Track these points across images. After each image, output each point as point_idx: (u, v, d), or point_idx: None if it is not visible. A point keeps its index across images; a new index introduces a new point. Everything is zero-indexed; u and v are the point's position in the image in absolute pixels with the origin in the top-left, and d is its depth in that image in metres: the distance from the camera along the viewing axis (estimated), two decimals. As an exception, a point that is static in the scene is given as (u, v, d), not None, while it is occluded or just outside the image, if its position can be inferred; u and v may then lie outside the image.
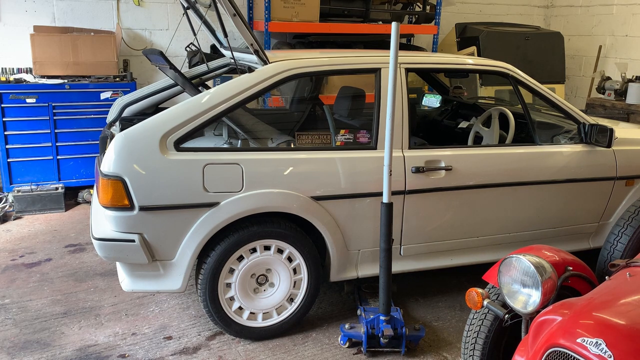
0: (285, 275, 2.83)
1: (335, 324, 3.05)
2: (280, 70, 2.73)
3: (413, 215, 2.94)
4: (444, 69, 3.12)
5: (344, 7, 5.41)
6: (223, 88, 2.66)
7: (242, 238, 2.68)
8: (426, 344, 2.90)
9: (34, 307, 3.14)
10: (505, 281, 2.00)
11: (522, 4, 7.38)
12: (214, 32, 3.71)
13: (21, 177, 4.72)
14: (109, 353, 2.74)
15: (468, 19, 6.66)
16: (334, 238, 2.81)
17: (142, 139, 2.50)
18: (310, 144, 3.01)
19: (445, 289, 3.50)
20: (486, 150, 3.08)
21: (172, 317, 3.08)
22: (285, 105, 4.51)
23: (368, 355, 2.78)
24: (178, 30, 5.08)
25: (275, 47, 5.43)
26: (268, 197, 2.63)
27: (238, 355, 2.75)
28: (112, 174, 2.45)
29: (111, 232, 2.55)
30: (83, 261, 3.74)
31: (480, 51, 5.87)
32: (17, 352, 2.71)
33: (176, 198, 2.52)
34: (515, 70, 3.22)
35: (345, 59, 2.96)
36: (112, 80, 4.84)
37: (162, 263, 2.64)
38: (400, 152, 2.87)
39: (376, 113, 2.85)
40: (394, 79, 2.56)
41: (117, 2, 5.20)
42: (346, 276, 2.95)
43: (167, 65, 3.06)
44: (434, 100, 4.64)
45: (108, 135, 3.04)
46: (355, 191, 2.79)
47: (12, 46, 4.93)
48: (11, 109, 4.56)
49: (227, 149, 2.69)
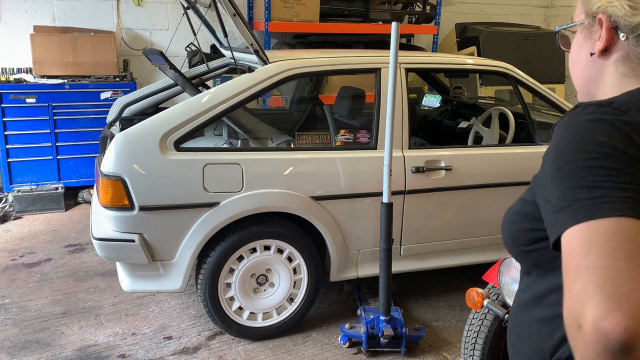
0: (285, 275, 2.83)
1: (335, 324, 3.04)
2: (280, 70, 2.73)
3: (413, 215, 2.94)
4: (444, 69, 3.13)
5: (344, 7, 5.41)
6: (223, 88, 2.65)
7: (242, 238, 2.68)
8: (426, 344, 2.90)
9: (34, 307, 3.13)
10: (505, 281, 2.00)
11: (522, 4, 7.38)
12: (214, 32, 3.71)
13: (21, 177, 4.71)
14: (109, 353, 2.73)
15: (468, 19, 6.66)
16: (334, 238, 2.81)
17: (142, 139, 2.49)
18: (310, 144, 3.01)
19: (445, 289, 3.50)
20: (486, 150, 3.08)
21: (172, 317, 3.08)
22: (285, 105, 4.51)
23: (368, 355, 2.78)
24: (178, 30, 5.07)
25: (275, 47, 5.43)
26: (268, 197, 2.63)
27: (238, 355, 2.75)
28: (112, 174, 2.45)
29: (111, 232, 2.55)
30: (83, 261, 3.74)
31: (480, 51, 5.87)
32: (17, 352, 2.71)
33: (176, 198, 2.52)
34: (515, 70, 3.22)
35: (345, 59, 2.96)
36: (112, 80, 4.83)
37: (162, 263, 2.64)
38: (400, 152, 2.87)
39: (376, 113, 2.85)
40: (394, 79, 2.56)
41: (117, 2, 5.19)
42: (346, 276, 2.95)
43: (167, 65, 3.06)
44: (434, 100, 4.64)
45: (108, 135, 3.04)
46: (355, 191, 2.79)
47: (12, 46, 4.93)
48: (11, 109, 4.55)
49: (227, 149, 2.69)
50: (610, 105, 0.80)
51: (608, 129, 0.77)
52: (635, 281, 0.66)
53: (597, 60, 0.92)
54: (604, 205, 0.72)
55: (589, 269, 0.68)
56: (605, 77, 0.93)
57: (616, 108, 0.80)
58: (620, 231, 0.69)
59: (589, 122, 0.79)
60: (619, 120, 0.78)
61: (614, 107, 0.80)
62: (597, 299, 0.66)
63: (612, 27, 0.89)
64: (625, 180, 0.73)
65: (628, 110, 0.80)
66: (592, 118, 0.80)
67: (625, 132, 0.77)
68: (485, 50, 5.86)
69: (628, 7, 0.87)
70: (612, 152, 0.75)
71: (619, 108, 0.80)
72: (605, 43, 0.90)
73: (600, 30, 0.90)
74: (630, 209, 0.71)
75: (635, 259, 0.67)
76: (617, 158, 0.75)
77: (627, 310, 0.64)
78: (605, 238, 0.69)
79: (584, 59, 0.95)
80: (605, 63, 0.92)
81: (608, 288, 0.66)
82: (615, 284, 0.66)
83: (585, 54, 0.95)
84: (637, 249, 0.68)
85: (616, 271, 0.67)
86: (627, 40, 0.88)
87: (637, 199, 0.72)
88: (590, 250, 0.69)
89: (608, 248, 0.68)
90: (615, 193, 0.72)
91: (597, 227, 0.71)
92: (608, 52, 0.91)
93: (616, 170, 0.74)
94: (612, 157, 0.75)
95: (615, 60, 0.91)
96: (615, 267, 0.67)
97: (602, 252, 0.68)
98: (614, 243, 0.69)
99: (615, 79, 0.91)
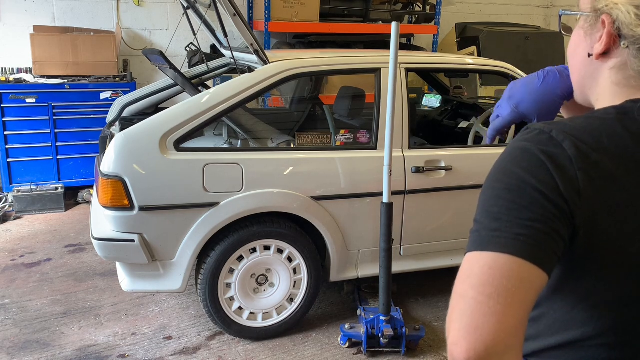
0: (285, 275, 2.83)
1: (335, 324, 3.04)
2: (280, 70, 2.73)
3: (413, 215, 2.94)
4: (444, 69, 3.12)
5: (344, 7, 5.41)
6: (223, 88, 2.65)
7: (242, 238, 2.68)
8: (426, 344, 2.90)
9: (34, 307, 3.13)
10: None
11: (522, 4, 7.38)
12: (214, 32, 3.71)
13: (21, 177, 4.71)
14: (109, 353, 2.73)
15: (468, 19, 6.66)
16: (334, 238, 2.81)
17: (142, 139, 2.49)
18: (310, 144, 3.01)
19: (445, 289, 3.50)
20: (486, 150, 3.08)
21: (172, 317, 3.08)
22: (285, 105, 4.51)
23: (368, 355, 2.78)
24: (178, 30, 5.07)
25: (275, 47, 5.42)
26: (268, 197, 2.63)
27: (238, 355, 2.75)
28: (112, 174, 2.45)
29: (111, 232, 2.55)
30: (83, 261, 3.74)
31: (480, 51, 5.87)
32: (17, 352, 2.71)
33: (176, 198, 2.52)
34: (515, 70, 3.22)
35: (345, 59, 2.96)
36: (112, 80, 4.83)
37: (162, 263, 2.63)
38: (400, 152, 2.87)
39: (376, 113, 2.85)
40: (394, 79, 2.56)
41: (117, 2, 5.19)
42: (346, 276, 2.95)
43: (167, 65, 3.06)
44: (434, 100, 4.64)
45: (108, 135, 3.04)
46: (356, 191, 2.79)
47: (12, 46, 4.93)
48: (11, 109, 4.55)
49: (227, 149, 2.69)
50: (549, 133, 0.79)
51: (529, 162, 0.77)
52: (487, 317, 0.69)
53: (594, 62, 0.88)
54: (494, 239, 0.74)
55: (460, 296, 0.73)
56: (600, 80, 0.89)
57: (553, 137, 0.78)
58: (496, 267, 0.72)
59: (517, 150, 0.79)
60: (545, 153, 0.76)
61: (551, 135, 0.78)
62: (456, 324, 0.71)
63: (615, 32, 0.84)
64: (526, 216, 0.74)
65: (563, 142, 0.77)
66: (520, 146, 0.79)
67: (546, 167, 0.75)
68: (485, 50, 5.86)
69: (634, 15, 0.80)
70: (522, 187, 0.75)
71: (555, 137, 0.78)
72: (604, 47, 0.85)
73: (602, 31, 0.85)
74: (516, 246, 0.72)
75: (498, 297, 0.70)
76: (525, 193, 0.75)
77: (472, 342, 0.69)
78: (481, 271, 0.73)
79: (581, 55, 0.92)
80: (601, 66, 0.88)
81: (466, 318, 0.71)
82: (471, 316, 0.70)
83: (583, 52, 0.91)
84: (503, 287, 0.71)
85: (477, 304, 0.70)
86: (628, 49, 0.83)
87: (529, 237, 0.73)
88: (467, 279, 0.74)
89: (479, 281, 0.72)
90: (509, 229, 0.73)
91: (480, 258, 0.74)
92: (606, 56, 0.86)
93: (520, 206, 0.74)
94: (521, 192, 0.75)
95: (612, 67, 0.86)
96: (478, 300, 0.71)
97: (474, 283, 0.72)
98: (486, 278, 0.72)
99: (607, 86, 0.87)
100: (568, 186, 0.75)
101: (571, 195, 0.75)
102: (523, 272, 0.72)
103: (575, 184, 0.75)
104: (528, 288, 0.72)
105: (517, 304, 0.71)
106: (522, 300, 0.71)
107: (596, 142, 0.78)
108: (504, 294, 0.70)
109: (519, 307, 0.71)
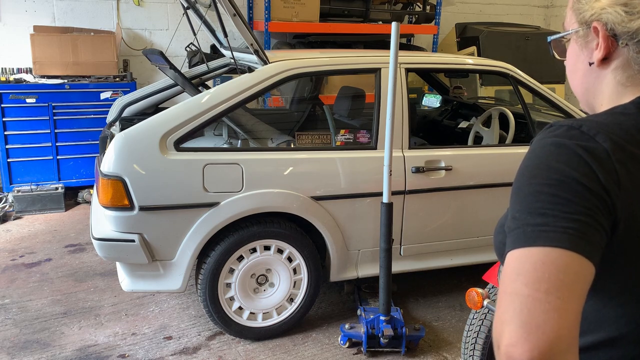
0: (285, 275, 2.83)
1: (335, 324, 3.04)
2: (280, 70, 2.73)
3: (413, 215, 2.94)
4: (444, 69, 3.12)
5: (344, 7, 5.41)
6: (223, 88, 2.65)
7: (242, 238, 2.68)
8: (426, 344, 2.90)
9: (34, 307, 3.13)
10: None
11: (522, 4, 7.38)
12: (214, 32, 3.71)
13: (21, 177, 4.71)
14: (109, 353, 2.73)
15: (468, 19, 6.66)
16: (334, 238, 2.81)
17: (142, 139, 2.49)
18: (310, 144, 3.01)
19: (445, 289, 3.50)
20: (486, 150, 3.08)
21: (172, 317, 3.08)
22: (285, 105, 4.51)
23: (368, 355, 2.78)
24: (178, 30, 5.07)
25: (275, 47, 5.43)
26: (268, 197, 2.63)
27: (238, 355, 2.75)
28: (112, 174, 2.45)
29: (111, 232, 2.55)
30: (83, 261, 3.74)
31: (480, 51, 5.87)
32: (17, 352, 2.71)
33: (176, 198, 2.52)
34: (515, 70, 3.22)
35: (345, 59, 2.96)
36: (112, 80, 4.83)
37: (162, 263, 2.64)
38: (400, 152, 2.87)
39: (376, 113, 2.85)
40: (394, 79, 2.56)
41: (117, 2, 5.19)
42: (346, 276, 2.95)
43: (167, 65, 3.06)
44: (434, 100, 4.64)
45: (108, 135, 3.04)
46: (355, 191, 2.79)
47: (12, 46, 4.93)
48: (11, 109, 4.55)
49: (227, 149, 2.68)
50: (579, 129, 0.78)
51: (567, 156, 0.76)
52: (548, 314, 0.67)
53: (596, 70, 0.89)
54: (542, 234, 0.72)
55: (512, 295, 0.70)
56: (603, 87, 0.89)
57: (584, 132, 0.78)
58: (549, 262, 0.70)
59: (551, 146, 0.78)
60: (581, 147, 0.76)
61: (582, 130, 0.78)
62: (512, 325, 0.68)
63: (610, 34, 0.85)
64: (571, 210, 0.72)
65: (595, 136, 0.77)
66: (555, 142, 0.78)
67: (584, 160, 0.75)
68: (485, 50, 5.86)
69: (624, 12, 0.82)
70: (565, 180, 0.74)
71: (587, 132, 0.77)
72: (604, 52, 0.86)
73: (597, 38, 0.86)
74: (566, 240, 0.71)
75: (556, 292, 0.68)
76: (568, 186, 0.74)
77: (535, 342, 0.66)
78: (533, 267, 0.70)
79: (581, 69, 0.92)
80: (603, 72, 0.88)
81: (523, 317, 0.68)
82: (530, 314, 0.68)
83: (582, 64, 0.91)
84: (560, 281, 0.69)
85: (534, 302, 0.68)
86: (627, 47, 0.84)
87: (578, 230, 0.71)
88: (518, 277, 0.71)
89: (533, 278, 0.70)
90: (557, 222, 0.72)
91: (530, 255, 0.72)
92: (607, 61, 0.87)
93: (564, 199, 0.73)
94: (564, 185, 0.74)
95: (615, 68, 0.87)
96: (535, 297, 0.68)
97: (527, 280, 0.70)
98: (540, 273, 0.70)
99: (612, 88, 0.88)
100: (608, 178, 0.74)
101: (612, 187, 0.74)
102: (576, 266, 0.70)
103: (614, 176, 0.75)
104: (583, 282, 0.70)
105: (575, 299, 0.69)
106: (579, 294, 0.70)
107: (628, 135, 0.78)
108: (562, 288, 0.68)
109: (577, 302, 0.69)
